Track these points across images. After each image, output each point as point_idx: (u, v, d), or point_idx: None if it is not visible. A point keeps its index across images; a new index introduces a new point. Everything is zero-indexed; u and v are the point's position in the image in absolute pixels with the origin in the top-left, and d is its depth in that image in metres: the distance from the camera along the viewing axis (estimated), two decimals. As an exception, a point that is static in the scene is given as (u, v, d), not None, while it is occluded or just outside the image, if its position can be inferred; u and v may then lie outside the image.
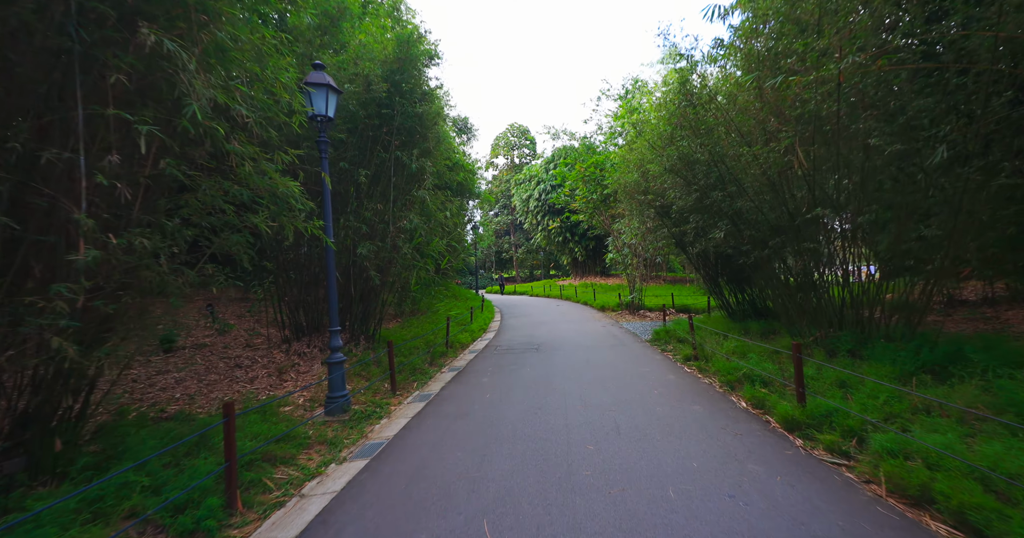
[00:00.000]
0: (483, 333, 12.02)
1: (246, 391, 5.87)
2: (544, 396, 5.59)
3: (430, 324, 11.19)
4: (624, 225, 14.90)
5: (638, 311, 14.78)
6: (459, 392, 6.10)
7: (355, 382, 6.55)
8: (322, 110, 5.22)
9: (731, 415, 4.46)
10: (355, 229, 7.16)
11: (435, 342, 9.37)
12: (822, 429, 3.68)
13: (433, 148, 8.26)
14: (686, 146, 6.42)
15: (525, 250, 46.56)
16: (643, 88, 23.41)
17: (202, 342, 7.74)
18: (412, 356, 8.03)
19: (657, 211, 9.27)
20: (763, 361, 5.67)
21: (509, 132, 53.25)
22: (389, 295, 10.58)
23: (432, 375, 7.30)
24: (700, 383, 5.77)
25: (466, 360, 8.43)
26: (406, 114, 7.65)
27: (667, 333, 9.25)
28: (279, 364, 7.03)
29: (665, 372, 6.51)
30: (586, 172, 23.87)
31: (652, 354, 8.01)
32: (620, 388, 5.75)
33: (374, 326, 8.50)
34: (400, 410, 5.46)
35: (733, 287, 10.49)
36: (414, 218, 7.49)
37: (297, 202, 4.14)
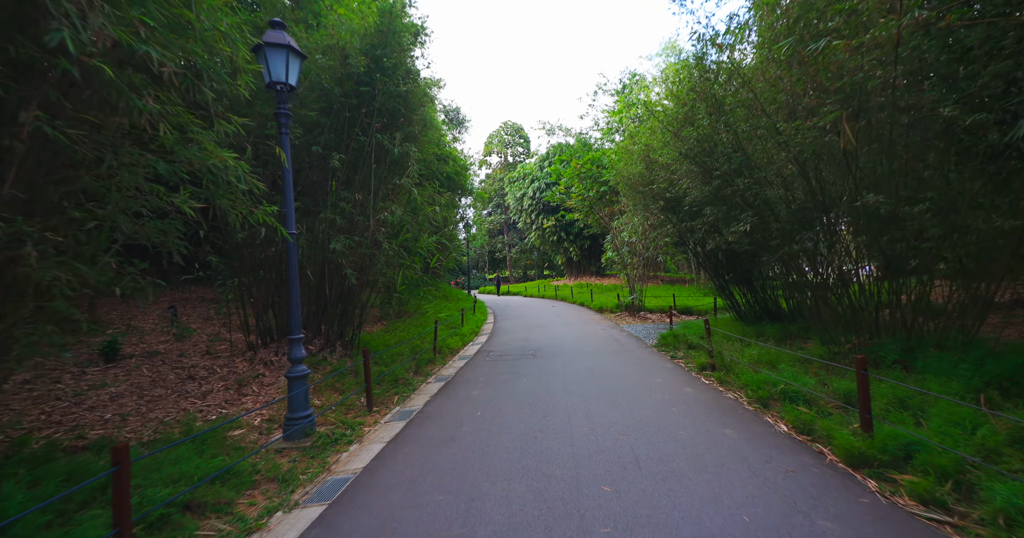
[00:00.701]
0: (475, 337, 11.20)
1: (194, 409, 5.00)
2: (544, 414, 4.79)
3: (418, 327, 10.35)
4: (624, 222, 14.16)
5: (638, 313, 14.05)
6: (446, 408, 5.28)
7: (326, 396, 5.71)
8: (281, 76, 4.37)
9: (773, 443, 3.69)
10: (329, 221, 6.31)
11: (422, 347, 8.53)
12: (901, 467, 2.92)
13: (419, 133, 7.43)
14: (707, 126, 5.65)
15: (519, 250, 45.79)
16: (641, 82, 22.74)
17: (155, 349, 6.84)
18: (395, 364, 7.20)
19: (667, 202, 8.50)
20: (798, 373, 4.91)
21: (503, 130, 52.46)
22: (372, 296, 9.75)
23: (416, 387, 6.47)
24: (724, 399, 5.01)
25: (455, 368, 7.61)
26: (388, 93, 6.81)
27: (675, 338, 8.50)
28: (240, 375, 6.16)
29: (680, 384, 5.74)
30: (582, 169, 23.15)
31: (661, 362, 7.25)
32: (632, 404, 4.97)
33: (353, 330, 7.65)
34: (375, 432, 4.63)
35: (742, 287, 9.78)
36: (397, 210, 6.66)
37: (240, 181, 3.29)
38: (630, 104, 21.70)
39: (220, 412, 4.97)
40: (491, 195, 49.28)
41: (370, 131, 6.75)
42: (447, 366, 7.86)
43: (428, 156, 8.24)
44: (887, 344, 4.96)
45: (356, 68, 6.48)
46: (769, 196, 5.28)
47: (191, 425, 4.32)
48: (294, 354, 4.45)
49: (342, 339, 7.38)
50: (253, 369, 6.40)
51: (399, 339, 9.01)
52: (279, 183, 6.63)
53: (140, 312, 9.13)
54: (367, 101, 6.78)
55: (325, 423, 4.80)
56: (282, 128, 4.44)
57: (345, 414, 5.18)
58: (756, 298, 9.39)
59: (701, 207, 7.01)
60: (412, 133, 7.19)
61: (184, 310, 9.78)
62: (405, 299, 11.46)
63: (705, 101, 5.65)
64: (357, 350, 7.70)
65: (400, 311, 11.27)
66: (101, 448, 3.83)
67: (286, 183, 4.44)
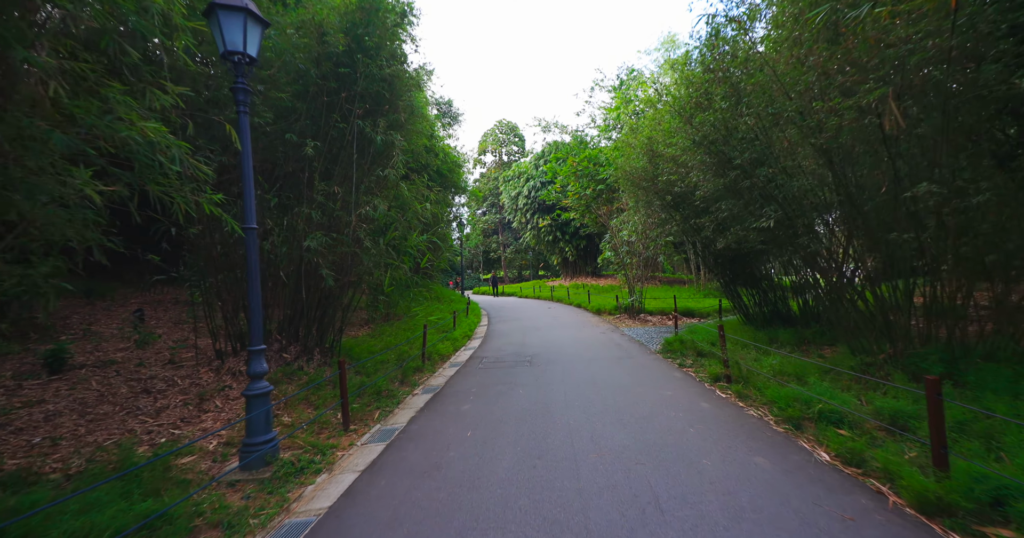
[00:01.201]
0: (467, 341, 10.59)
1: (143, 429, 4.36)
2: (543, 436, 4.20)
3: (406, 331, 9.73)
4: (623, 221, 13.61)
5: (638, 315, 13.50)
6: (432, 427, 4.67)
7: (299, 412, 5.08)
8: (238, 45, 3.74)
9: (816, 476, 3.12)
10: (304, 217, 5.68)
11: (409, 354, 7.92)
12: (991, 518, 2.37)
13: (406, 121, 6.82)
14: (725, 109, 5.08)
15: (513, 250, 45.22)
16: (639, 78, 22.25)
17: (111, 358, 6.16)
18: (379, 374, 6.58)
19: (674, 198, 7.92)
20: (829, 388, 4.36)
21: (497, 129, 51.85)
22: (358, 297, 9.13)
23: (401, 399, 5.86)
24: (746, 417, 4.44)
25: (445, 377, 7.00)
26: (371, 77, 6.19)
27: (682, 343, 7.95)
28: (204, 387, 5.52)
29: (694, 398, 5.18)
30: (579, 167, 22.61)
31: (668, 370, 6.68)
32: (642, 423, 4.39)
33: (334, 336, 7.01)
34: (349, 457, 4.02)
35: (751, 289, 9.25)
36: (380, 205, 6.04)
37: (173, 163, 2.67)
38: (628, 100, 21.21)
39: (172, 433, 4.33)
40: (485, 194, 48.66)
41: (351, 118, 6.13)
42: (436, 375, 7.25)
43: (417, 147, 7.63)
44: (928, 354, 4.43)
45: (335, 47, 5.86)
46: (796, 188, 4.72)
47: (130, 452, 3.68)
48: (253, 368, 3.82)
49: (321, 346, 6.74)
50: (219, 380, 5.76)
51: (385, 344, 8.39)
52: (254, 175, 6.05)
53: (104, 315, 8.44)
54: (347, 85, 6.16)
55: (292, 446, 4.18)
56: (239, 106, 3.80)
57: (317, 434, 4.56)
58: (766, 300, 8.86)
59: (713, 202, 6.46)
60: (398, 121, 6.58)
61: (155, 313, 9.10)
62: (394, 301, 10.82)
63: (723, 83, 5.08)
64: (338, 357, 7.08)
65: (388, 314, 10.64)
66: (15, 483, 3.19)
67: (244, 169, 3.80)
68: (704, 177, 6.19)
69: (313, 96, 6.08)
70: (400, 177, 7.28)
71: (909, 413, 3.54)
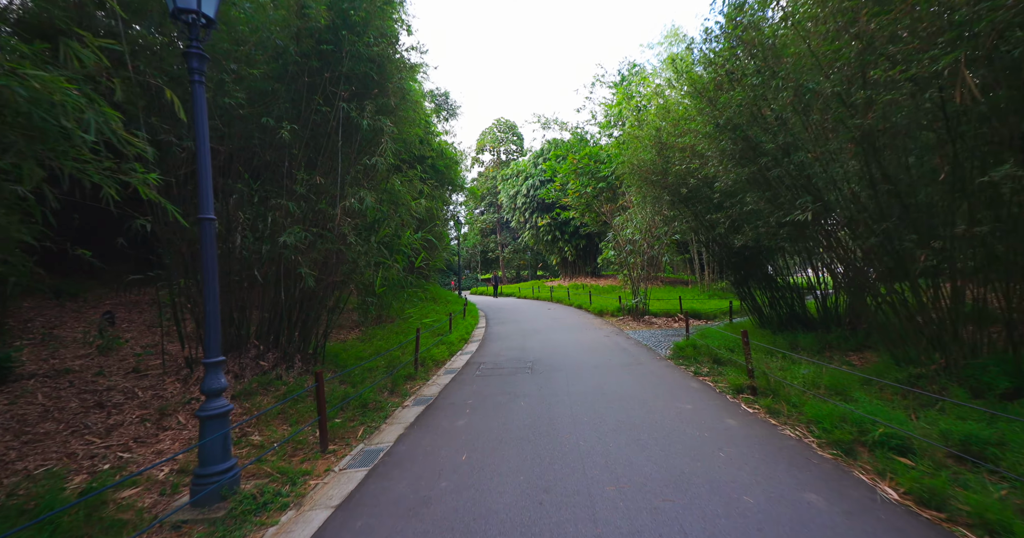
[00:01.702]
0: (464, 345, 10.01)
1: (85, 453, 3.77)
2: (550, 460, 3.63)
3: (399, 334, 9.14)
4: (627, 219, 13.06)
5: (642, 317, 12.95)
6: (422, 447, 4.09)
7: (271, 430, 4.50)
8: (191, 2, 3.17)
9: (888, 522, 2.56)
10: (281, 209, 5.10)
11: (401, 360, 7.34)
12: None
13: (396, 107, 6.23)
14: (759, 85, 4.49)
15: (512, 250, 44.67)
16: (641, 73, 21.70)
17: (68, 366, 5.56)
18: (366, 383, 6.00)
19: (689, 191, 7.34)
20: (877, 403, 3.79)
21: (496, 127, 51.34)
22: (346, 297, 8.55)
23: (390, 412, 5.27)
24: (782, 438, 3.88)
25: (439, 386, 6.42)
26: (357, 56, 5.62)
27: (695, 349, 7.39)
28: (168, 400, 4.93)
29: (718, 413, 4.61)
30: (579, 164, 22.09)
31: (683, 380, 6.12)
32: (663, 445, 3.83)
33: (316, 341, 6.42)
34: (323, 488, 3.43)
35: (766, 290, 8.71)
36: (367, 197, 5.45)
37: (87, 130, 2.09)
38: (629, 96, 20.68)
39: (119, 458, 3.74)
40: (484, 193, 48.13)
41: (335, 101, 5.55)
42: (429, 383, 6.66)
43: (409, 137, 7.05)
44: (987, 366, 3.87)
45: (316, 21, 5.27)
46: (838, 175, 4.14)
47: (58, 485, 3.09)
48: (209, 384, 3.23)
49: (303, 352, 6.15)
50: (186, 391, 5.17)
51: (376, 350, 7.80)
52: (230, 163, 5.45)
53: (72, 317, 7.83)
54: (331, 64, 5.58)
55: (258, 474, 3.59)
56: (193, 75, 3.22)
57: (290, 457, 3.98)
58: (782, 302, 8.31)
59: (732, 196, 5.89)
60: (387, 105, 5.99)
61: (129, 316, 8.49)
62: (386, 303, 10.24)
63: (755, 55, 4.50)
64: (323, 364, 6.50)
65: (380, 316, 10.06)
66: (-94, 529, 2.59)
67: (198, 149, 3.22)
68: (724, 167, 5.62)
69: (293, 76, 5.50)
70: (391, 168, 6.70)
71: (986, 439, 2.98)
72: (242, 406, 5.00)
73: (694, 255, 21.55)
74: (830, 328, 7.63)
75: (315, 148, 5.79)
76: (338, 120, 5.66)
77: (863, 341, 7.14)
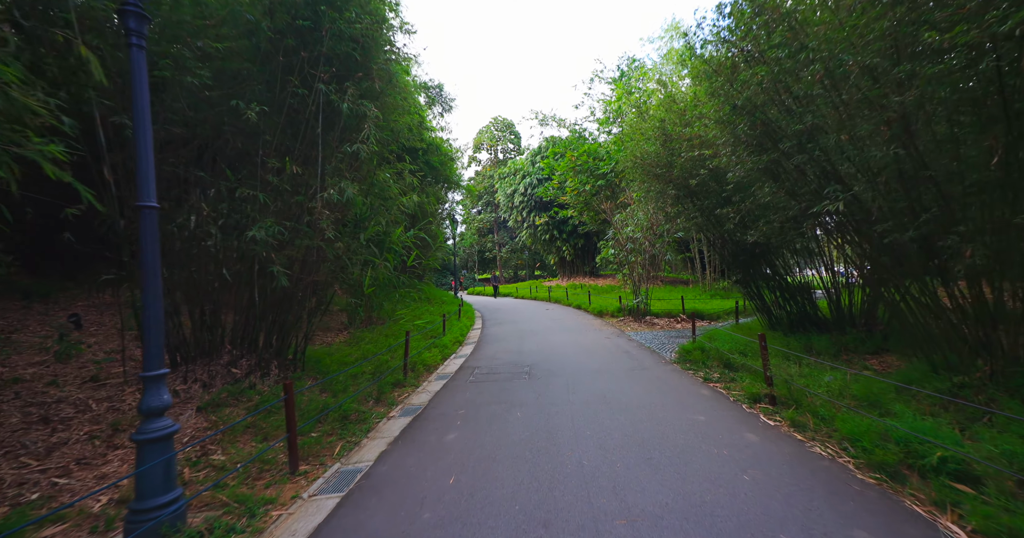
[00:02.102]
0: (458, 347, 9.54)
1: (15, 479, 3.27)
2: (550, 484, 3.16)
3: (390, 337, 8.66)
4: (627, 216, 12.62)
5: (644, 318, 12.51)
6: (405, 468, 3.62)
7: (238, 447, 4.02)
8: (127, -49, 2.69)
9: (962, 569, 2.11)
10: (250, 200, 4.61)
11: (390, 365, 6.86)
12: None
13: (382, 91, 5.76)
14: (786, 59, 4.00)
15: (509, 249, 44.21)
16: (641, 68, 21.26)
17: (19, 375, 5.05)
18: (350, 391, 5.52)
19: (698, 182, 6.86)
20: (931, 424, 3.34)
21: (493, 126, 50.88)
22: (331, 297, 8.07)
23: (373, 425, 4.80)
24: (813, 457, 3.42)
25: (429, 393, 5.95)
26: (338, 34, 5.14)
27: (702, 352, 6.94)
28: (124, 413, 4.44)
29: (736, 426, 4.16)
30: (577, 162, 21.65)
31: (693, 386, 5.67)
32: (678, 464, 3.37)
33: (296, 345, 5.93)
34: (287, 521, 2.96)
35: (774, 289, 8.27)
36: (348, 188, 4.97)
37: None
38: (629, 91, 20.26)
39: (53, 484, 3.25)
40: (481, 193, 47.67)
41: (314, 83, 5.07)
42: (419, 390, 6.19)
43: (397, 126, 6.57)
44: (1042, 374, 3.43)
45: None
46: (876, 160, 3.68)
47: (-33, 523, 2.60)
48: (149, 402, 2.75)
49: (280, 357, 5.66)
50: (147, 403, 4.67)
51: (363, 354, 7.31)
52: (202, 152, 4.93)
53: (38, 320, 7.30)
54: (309, 43, 5.11)
55: (213, 503, 3.11)
56: (131, 37, 2.73)
57: (254, 480, 3.50)
58: (795, 302, 7.88)
59: (742, 189, 5.44)
60: (371, 89, 5.52)
61: (100, 319, 7.96)
62: (376, 303, 9.75)
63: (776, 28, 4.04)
64: (303, 370, 6.01)
65: (370, 318, 9.58)
66: None
67: (136, 125, 2.73)
68: (738, 156, 5.17)
69: (266, 56, 5.02)
70: (379, 160, 6.22)
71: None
72: (208, 419, 4.52)
73: (695, 254, 21.15)
74: (845, 329, 7.20)
75: (293, 135, 5.30)
76: (317, 105, 5.18)
77: (881, 344, 6.72)
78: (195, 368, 5.19)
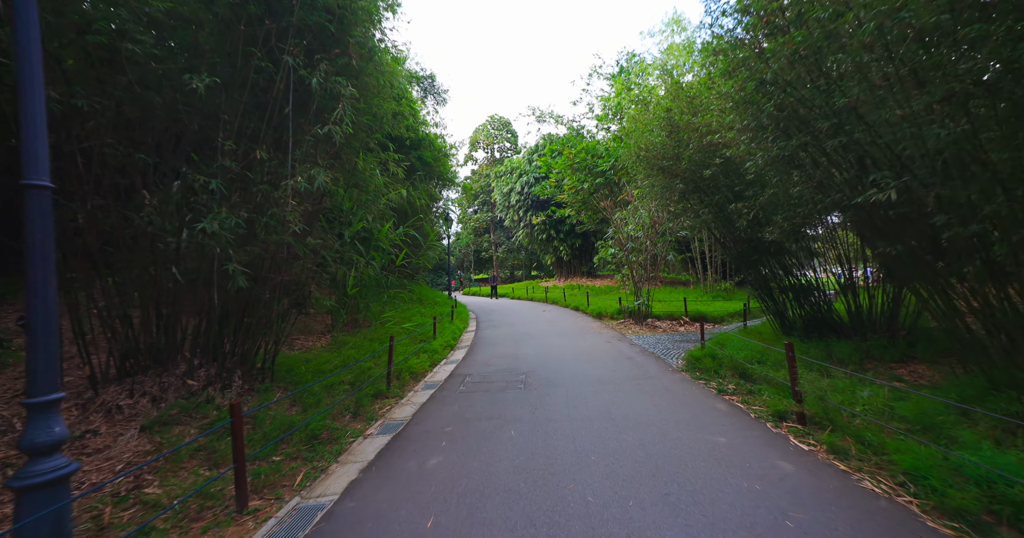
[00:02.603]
0: (449, 352, 8.94)
1: None
2: (549, 528, 2.59)
3: (375, 341, 8.04)
4: (630, 212, 12.07)
5: (645, 320, 11.96)
6: (375, 505, 3.03)
7: (183, 475, 3.41)
8: None
9: None
10: (201, 185, 4.00)
11: (372, 373, 6.26)
12: None
13: (360, 69, 5.16)
14: (827, 19, 3.42)
15: (506, 249, 43.61)
16: (640, 63, 20.72)
17: (-61, 388, 4.42)
18: (324, 405, 4.93)
19: (713, 173, 6.27)
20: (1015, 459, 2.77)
21: (489, 124, 50.27)
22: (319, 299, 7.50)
23: (346, 445, 4.20)
24: (865, 494, 2.85)
25: (414, 406, 5.36)
26: (310, 3, 4.55)
27: (713, 360, 6.39)
28: (54, 434, 3.80)
29: (764, 450, 3.59)
30: (575, 159, 21.07)
31: (707, 399, 5.10)
32: (702, 503, 2.79)
33: (265, 352, 5.32)
34: (219, 581, 2.35)
35: (786, 291, 7.73)
36: (319, 175, 4.37)
37: None
38: (628, 87, 19.73)
39: (-65, 532, 2.63)
40: (477, 192, 47.07)
41: (280, 56, 4.47)
42: (403, 402, 5.59)
43: (382, 111, 5.96)
44: None
45: (252, -48, 4.19)
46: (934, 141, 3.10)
47: None
48: (32, 436, 2.15)
49: (245, 366, 5.05)
50: (84, 420, 4.06)
51: (344, 360, 6.70)
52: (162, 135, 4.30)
53: (-14, 324, 6.64)
54: (276, 12, 4.51)
55: (131, 556, 2.50)
56: (15, -32, 2.13)
57: (191, 522, 2.89)
58: (810, 304, 7.34)
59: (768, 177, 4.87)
60: (349, 67, 4.92)
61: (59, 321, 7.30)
62: (363, 305, 9.14)
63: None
64: (273, 381, 5.39)
65: (355, 320, 8.97)
66: None
67: (23, 90, 2.14)
68: (759, 143, 4.60)
69: (226, 25, 4.41)
70: (354, 142, 5.60)
71: None
72: (152, 441, 3.91)
73: (696, 254, 20.63)
74: (865, 335, 6.67)
75: (259, 117, 4.69)
76: (287, 83, 4.58)
77: (906, 351, 6.19)
78: (145, 379, 4.57)
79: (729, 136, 5.71)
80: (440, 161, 16.03)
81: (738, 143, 5.05)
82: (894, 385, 4.17)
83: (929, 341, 6.31)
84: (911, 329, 6.75)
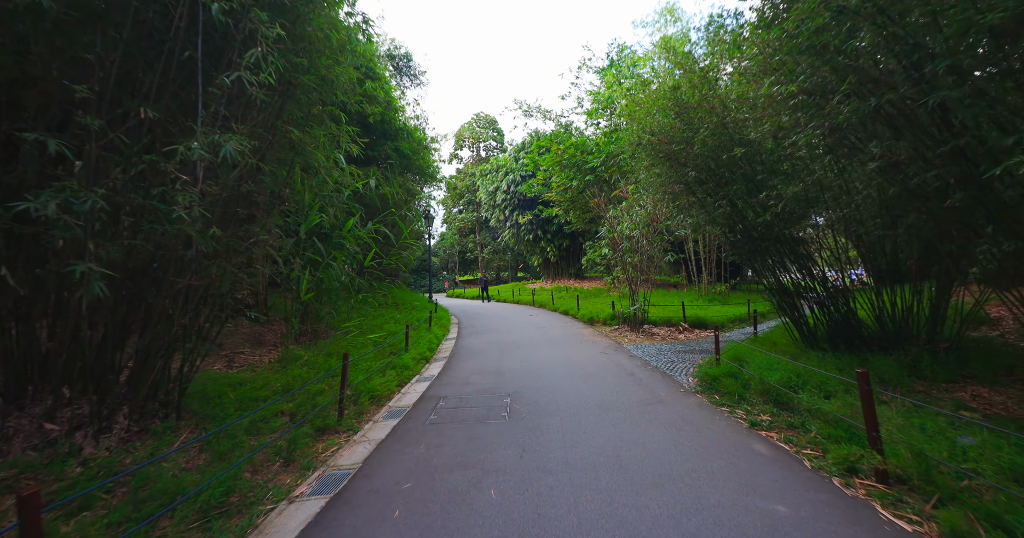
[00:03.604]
0: (423, 367, 7.76)
1: None
2: None
3: (332, 357, 6.81)
4: (625, 209, 11.07)
5: (641, 327, 10.96)
6: None
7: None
8: None
9: None
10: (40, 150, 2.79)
11: (321, 400, 5.06)
12: None
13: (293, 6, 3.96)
14: None
15: (491, 250, 42.43)
16: (632, 56, 19.84)
17: None
18: (246, 446, 3.72)
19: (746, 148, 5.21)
20: None
21: (475, 122, 49.15)
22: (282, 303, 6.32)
23: (257, 519, 3.01)
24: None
25: (369, 445, 4.18)
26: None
27: (735, 380, 5.36)
28: None
29: (848, 529, 2.53)
30: (564, 156, 20.09)
31: (737, 435, 4.05)
32: None
33: (171, 382, 4.08)
34: None
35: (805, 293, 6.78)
36: (228, 143, 3.18)
37: None
38: (619, 79, 18.84)
39: None
40: (462, 191, 45.85)
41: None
42: (356, 439, 4.40)
43: (333, 74, 4.74)
44: None
45: None
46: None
47: None
48: None
49: (134, 400, 3.80)
50: None
51: (289, 382, 5.48)
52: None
53: None
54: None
55: None
56: None
57: None
58: (836, 310, 6.38)
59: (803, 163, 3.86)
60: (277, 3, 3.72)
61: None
62: (323, 312, 7.89)
63: None
64: (180, 418, 4.15)
65: (313, 331, 7.72)
66: None
67: None
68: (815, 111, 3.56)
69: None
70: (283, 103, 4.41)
71: None
72: (-38, 522, 2.66)
73: (689, 255, 19.80)
74: (904, 347, 5.73)
75: (147, 64, 3.47)
76: (190, 18, 3.37)
77: (957, 369, 5.27)
78: (35, 400, 3.32)
79: (756, 113, 4.70)
80: (419, 154, 14.84)
81: (778, 114, 4.02)
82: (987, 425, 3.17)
83: (982, 356, 5.41)
84: (953, 341, 5.85)
